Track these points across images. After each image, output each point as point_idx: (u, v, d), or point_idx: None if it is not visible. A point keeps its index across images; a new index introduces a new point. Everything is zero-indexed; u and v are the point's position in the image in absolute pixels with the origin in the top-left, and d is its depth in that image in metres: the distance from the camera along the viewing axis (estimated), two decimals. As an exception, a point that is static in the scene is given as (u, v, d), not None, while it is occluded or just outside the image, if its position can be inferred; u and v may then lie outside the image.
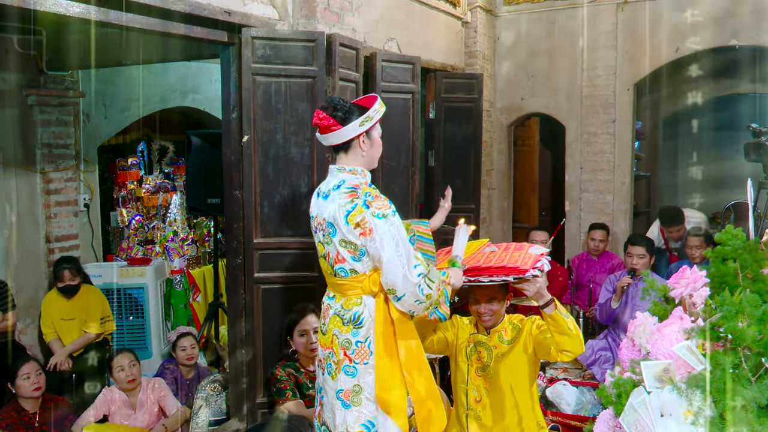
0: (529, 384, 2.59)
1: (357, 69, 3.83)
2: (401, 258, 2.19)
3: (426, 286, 2.20)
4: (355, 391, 2.29)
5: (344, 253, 2.27)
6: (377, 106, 2.36)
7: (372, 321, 2.30)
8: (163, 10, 2.93)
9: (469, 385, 2.61)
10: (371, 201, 2.23)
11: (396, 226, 2.22)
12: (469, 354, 2.62)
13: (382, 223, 2.20)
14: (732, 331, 1.45)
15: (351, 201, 2.24)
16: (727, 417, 1.38)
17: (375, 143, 2.42)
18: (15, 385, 3.44)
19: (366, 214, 2.20)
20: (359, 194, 2.25)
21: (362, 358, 2.29)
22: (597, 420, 1.66)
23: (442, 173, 5.31)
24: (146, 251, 5.27)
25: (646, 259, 4.17)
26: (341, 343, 2.31)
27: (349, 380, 2.30)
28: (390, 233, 2.19)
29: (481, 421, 2.58)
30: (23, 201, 4.42)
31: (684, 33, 5.39)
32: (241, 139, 3.43)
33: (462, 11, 5.67)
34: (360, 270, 2.29)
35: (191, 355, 4.05)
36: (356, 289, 2.31)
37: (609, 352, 4.20)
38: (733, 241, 1.95)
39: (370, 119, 2.34)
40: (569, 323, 2.36)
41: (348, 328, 2.31)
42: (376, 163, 2.45)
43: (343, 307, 2.33)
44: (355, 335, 2.30)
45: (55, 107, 4.59)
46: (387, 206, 2.24)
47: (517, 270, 2.27)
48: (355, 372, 2.29)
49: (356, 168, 2.35)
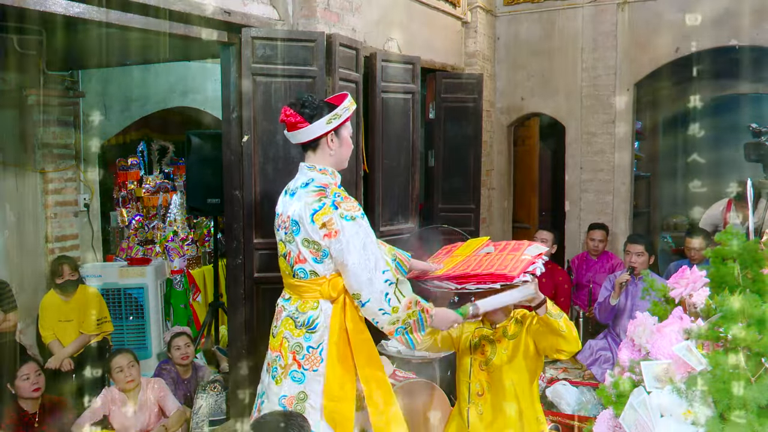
0: (530, 379, 2.61)
1: (357, 69, 3.82)
2: (368, 261, 2.12)
3: (394, 297, 2.12)
4: (300, 399, 2.21)
5: (306, 253, 2.21)
6: (346, 104, 2.28)
7: (327, 327, 2.22)
8: (163, 10, 2.93)
9: (471, 378, 2.63)
10: (340, 202, 2.17)
11: (364, 229, 2.15)
12: (473, 348, 2.64)
13: (350, 225, 2.14)
14: (732, 331, 1.45)
15: (318, 200, 2.18)
16: (727, 417, 1.38)
17: (344, 142, 2.33)
18: (14, 385, 3.44)
19: (334, 215, 2.14)
20: (327, 194, 2.19)
21: (312, 365, 2.21)
22: (597, 420, 1.65)
23: (442, 173, 5.31)
24: (146, 251, 5.27)
25: (645, 258, 4.16)
26: (291, 347, 2.23)
27: (294, 386, 2.22)
28: (357, 236, 2.13)
29: (482, 415, 2.60)
30: (23, 201, 4.42)
31: (684, 33, 5.39)
32: (241, 139, 3.43)
33: (462, 11, 5.66)
34: (320, 272, 2.22)
35: (186, 354, 4.03)
36: (314, 293, 2.24)
37: (609, 352, 4.20)
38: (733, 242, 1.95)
39: (338, 117, 2.25)
40: (561, 323, 2.38)
41: (301, 331, 2.23)
42: (345, 163, 2.37)
43: (297, 310, 2.25)
44: (308, 340, 2.22)
45: (55, 107, 4.59)
46: (356, 208, 2.18)
47: (503, 277, 2.25)
48: (302, 378, 2.22)
49: (326, 168, 2.29)
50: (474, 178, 5.44)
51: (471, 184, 5.43)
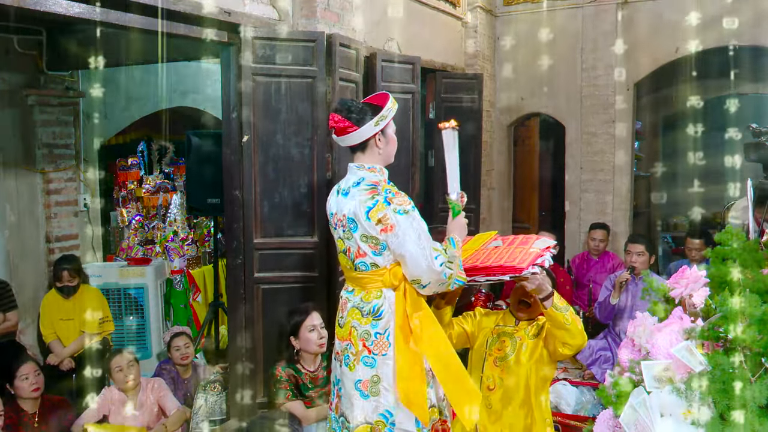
0: (543, 380, 2.65)
1: (357, 69, 3.82)
2: (424, 251, 2.25)
3: (447, 269, 2.28)
4: (374, 382, 2.34)
5: (365, 247, 2.34)
6: (390, 105, 2.40)
7: (392, 313, 2.35)
8: (164, 10, 2.93)
9: (484, 373, 2.67)
10: (392, 198, 2.30)
11: (417, 221, 2.29)
12: (489, 344, 2.68)
13: (404, 218, 2.27)
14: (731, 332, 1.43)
15: (372, 197, 2.30)
16: (727, 417, 1.36)
17: (390, 140, 2.47)
18: (14, 385, 3.43)
19: (387, 210, 2.27)
20: (379, 191, 2.32)
21: (381, 350, 2.34)
22: (597, 420, 1.64)
23: (442, 173, 5.30)
24: (146, 251, 5.27)
25: (645, 257, 4.18)
26: (360, 335, 2.37)
27: (367, 371, 2.35)
28: (412, 228, 2.26)
29: (491, 409, 2.63)
30: (23, 201, 4.41)
31: (684, 33, 5.38)
32: (241, 139, 3.43)
33: (462, 11, 5.66)
34: (381, 264, 2.35)
35: (186, 355, 4.03)
36: (377, 283, 2.37)
37: (609, 352, 4.20)
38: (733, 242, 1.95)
39: (384, 118, 2.39)
40: (567, 316, 2.44)
41: (368, 319, 2.37)
42: (392, 158, 2.51)
43: (362, 300, 2.39)
44: (375, 327, 2.36)
45: (55, 107, 4.58)
46: (407, 202, 2.31)
47: (513, 269, 2.29)
48: (373, 363, 2.35)
49: (375, 166, 2.41)
50: (474, 178, 5.43)
51: (471, 184, 5.42)
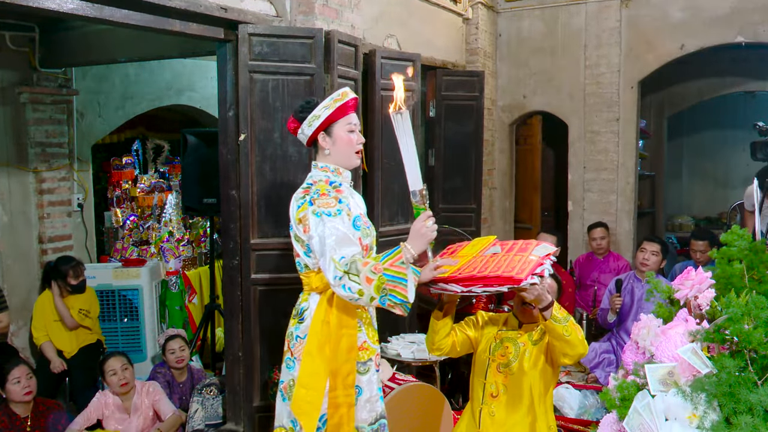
0: (546, 387, 2.60)
1: (356, 66, 3.79)
2: (324, 258, 2.14)
3: (351, 284, 2.07)
4: (290, 385, 2.31)
5: (297, 247, 2.32)
6: (327, 102, 2.30)
7: (311, 318, 2.29)
8: (159, 6, 2.90)
9: (487, 379, 2.61)
10: (316, 198, 2.21)
11: (330, 226, 2.14)
12: (493, 349, 2.62)
13: (318, 221, 2.17)
14: (738, 334, 1.43)
15: (303, 197, 2.26)
16: (733, 421, 1.35)
17: (337, 140, 2.32)
18: (5, 389, 3.38)
19: (308, 211, 2.20)
20: (311, 191, 2.25)
21: (299, 353, 2.29)
22: (600, 424, 1.63)
23: (442, 172, 5.27)
24: (141, 252, 5.24)
25: (658, 258, 4.18)
26: (288, 335, 2.36)
27: (287, 374, 2.33)
28: (321, 232, 2.14)
29: (494, 417, 2.58)
30: (16, 201, 4.37)
31: (689, 30, 5.33)
32: (238, 138, 3.39)
33: (463, 7, 5.61)
34: (310, 265, 2.31)
35: (181, 358, 3.99)
36: (306, 285, 2.35)
37: (612, 355, 4.17)
38: (738, 242, 1.92)
39: (317, 118, 2.29)
40: (566, 327, 2.37)
41: (294, 321, 2.34)
42: (351, 161, 2.36)
43: (298, 302, 2.38)
44: (297, 329, 2.32)
45: (48, 105, 4.53)
46: (331, 205, 2.19)
47: (511, 279, 2.16)
48: (292, 366, 2.32)
49: (327, 165, 2.34)
50: (475, 178, 5.40)
51: (472, 183, 5.38)
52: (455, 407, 3.49)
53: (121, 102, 5.22)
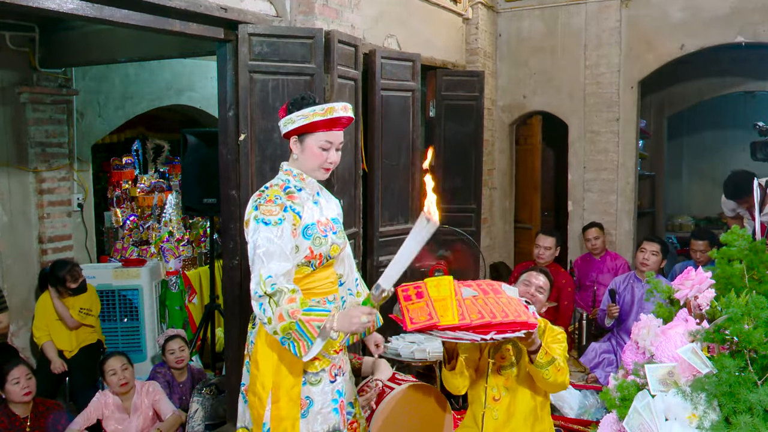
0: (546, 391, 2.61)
1: (356, 66, 3.78)
2: (253, 265, 2.08)
3: (269, 309, 2.01)
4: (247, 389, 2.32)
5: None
6: (305, 112, 2.15)
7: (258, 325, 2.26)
8: (159, 6, 2.89)
9: (488, 383, 2.60)
10: (261, 204, 2.14)
11: (263, 235, 2.07)
12: (492, 352, 2.61)
13: (254, 228, 2.10)
14: (738, 334, 1.43)
15: (255, 200, 2.18)
16: (733, 421, 1.35)
17: (306, 150, 2.20)
18: (4, 389, 3.37)
19: (251, 215, 2.14)
20: (263, 195, 2.17)
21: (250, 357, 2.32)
22: (600, 424, 1.64)
23: (442, 172, 5.26)
24: (141, 252, 5.22)
25: (658, 258, 4.19)
26: (248, 339, 2.34)
27: (246, 376, 2.33)
28: (254, 240, 2.09)
29: (496, 420, 2.58)
30: (16, 201, 4.37)
31: (689, 30, 5.33)
32: (238, 138, 3.38)
33: (463, 7, 5.60)
34: None
35: (181, 358, 3.98)
36: None
37: (612, 355, 4.17)
38: (739, 242, 1.92)
39: (292, 122, 2.17)
40: (547, 372, 2.34)
41: (250, 325, 2.33)
42: (318, 174, 2.25)
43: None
44: (251, 334, 2.31)
45: (48, 105, 4.53)
46: (272, 213, 2.11)
47: (526, 324, 2.13)
48: (248, 369, 2.33)
49: (291, 169, 2.25)
50: (475, 178, 5.39)
51: (472, 183, 5.37)
52: (455, 407, 3.49)
53: (121, 102, 5.22)
